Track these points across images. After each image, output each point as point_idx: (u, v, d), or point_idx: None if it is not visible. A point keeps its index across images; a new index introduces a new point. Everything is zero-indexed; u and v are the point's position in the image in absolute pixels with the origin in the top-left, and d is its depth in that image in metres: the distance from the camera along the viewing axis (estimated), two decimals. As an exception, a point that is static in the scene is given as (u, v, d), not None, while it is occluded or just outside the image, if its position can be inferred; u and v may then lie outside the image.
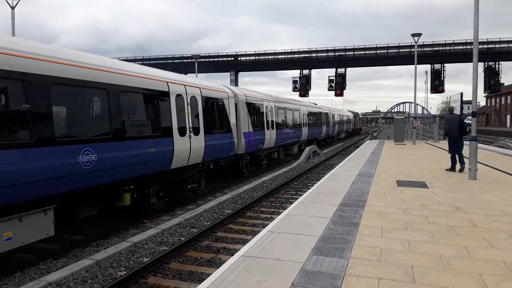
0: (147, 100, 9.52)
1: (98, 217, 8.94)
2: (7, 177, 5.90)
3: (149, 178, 9.65)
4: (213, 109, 13.02)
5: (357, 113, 69.63)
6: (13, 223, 6.14)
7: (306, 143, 26.27)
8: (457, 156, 12.30)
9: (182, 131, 10.62)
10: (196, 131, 11.46)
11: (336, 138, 41.74)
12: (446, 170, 12.51)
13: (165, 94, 10.11)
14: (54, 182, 6.70)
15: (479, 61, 11.73)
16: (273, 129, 18.95)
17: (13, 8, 22.95)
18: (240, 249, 5.48)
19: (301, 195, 10.09)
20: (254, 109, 17.03)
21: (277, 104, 20.39)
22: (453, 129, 12.12)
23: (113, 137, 8.13)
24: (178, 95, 10.70)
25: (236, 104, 15.25)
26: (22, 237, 6.30)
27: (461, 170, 12.12)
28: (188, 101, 11.24)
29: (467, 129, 12.68)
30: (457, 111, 14.66)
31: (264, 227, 6.97)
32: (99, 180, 7.79)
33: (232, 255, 5.52)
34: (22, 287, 5.64)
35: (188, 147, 10.93)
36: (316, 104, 33.73)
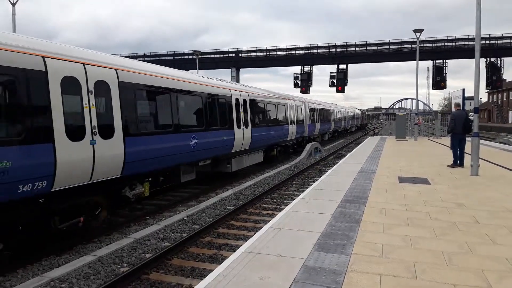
0: (222, 103, 13.48)
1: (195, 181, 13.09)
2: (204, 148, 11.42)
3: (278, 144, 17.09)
4: (273, 109, 18.48)
5: (364, 110, 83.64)
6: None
7: (333, 132, 39.23)
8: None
9: (238, 125, 14.50)
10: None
11: (348, 130, 51.42)
12: (448, 166, 12.51)
13: (230, 99, 14.15)
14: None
15: (481, 57, 11.67)
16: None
17: (13, 4, 22.94)
18: (242, 245, 5.49)
19: (303, 191, 10.10)
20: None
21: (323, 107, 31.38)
22: (458, 126, 12.10)
23: (206, 128, 12.08)
24: (237, 99, 14.72)
25: (303, 106, 24.45)
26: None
27: (459, 166, 12.26)
28: (241, 103, 15.08)
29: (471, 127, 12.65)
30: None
31: (266, 224, 6.98)
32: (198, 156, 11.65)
33: (234, 251, 5.53)
34: (25, 283, 5.67)
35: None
36: (336, 105, 45.46)
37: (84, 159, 7.26)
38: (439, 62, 43.60)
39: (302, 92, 45.67)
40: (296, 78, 47.04)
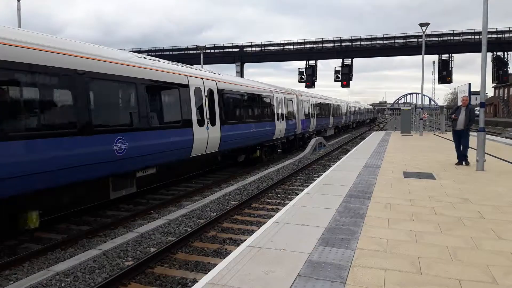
0: (265, 100, 17.81)
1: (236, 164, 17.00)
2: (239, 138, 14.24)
3: (262, 144, 17.56)
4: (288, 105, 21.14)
5: (374, 106, 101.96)
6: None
7: (356, 123, 52.87)
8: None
9: (278, 119, 18.87)
10: (283, 118, 19.75)
11: (365, 122, 66.13)
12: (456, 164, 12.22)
13: (271, 98, 18.45)
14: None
15: (488, 51, 11.54)
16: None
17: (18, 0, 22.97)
18: (246, 239, 5.49)
19: (307, 186, 10.09)
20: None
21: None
22: (454, 121, 11.78)
23: (259, 120, 16.67)
24: (276, 98, 19.09)
25: (294, 99, 23.42)
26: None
27: (458, 164, 11.86)
28: (282, 101, 19.67)
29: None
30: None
31: (270, 218, 6.97)
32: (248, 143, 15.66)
33: (239, 246, 5.53)
34: (30, 276, 5.71)
35: (280, 128, 19.00)
36: (358, 102, 60.59)
37: (204, 138, 11.95)
38: (445, 56, 43.29)
39: (306, 86, 45.59)
40: (300, 73, 46.93)
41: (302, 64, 48.24)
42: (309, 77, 46.31)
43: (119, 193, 9.03)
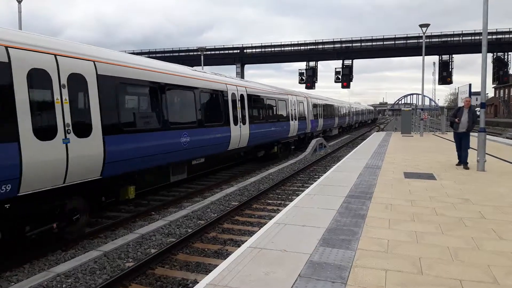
0: (282, 103, 19.94)
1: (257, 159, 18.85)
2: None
3: (279, 141, 19.48)
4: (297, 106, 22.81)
5: (374, 107, 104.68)
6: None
7: (359, 123, 54.93)
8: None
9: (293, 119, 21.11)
10: (296, 118, 22.00)
11: (367, 122, 68.72)
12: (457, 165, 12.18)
13: (286, 100, 20.59)
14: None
15: (488, 51, 11.53)
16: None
17: (19, 1, 23.00)
18: (247, 240, 5.49)
19: (308, 187, 10.07)
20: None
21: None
22: (456, 124, 11.61)
23: (277, 120, 18.87)
24: (291, 100, 21.39)
25: (305, 101, 25.79)
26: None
27: (459, 164, 11.68)
28: (295, 103, 22.00)
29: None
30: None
31: (270, 219, 6.96)
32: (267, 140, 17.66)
33: (239, 247, 5.53)
34: (31, 277, 5.71)
35: (293, 127, 21.21)
36: (359, 103, 63.82)
37: (238, 135, 14.13)
38: (445, 57, 43.26)
39: (307, 87, 45.53)
40: (301, 74, 46.89)
41: (302, 65, 48.22)
42: (309, 78, 46.27)
43: (176, 177, 11.15)
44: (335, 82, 44.91)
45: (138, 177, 9.59)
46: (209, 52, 51.84)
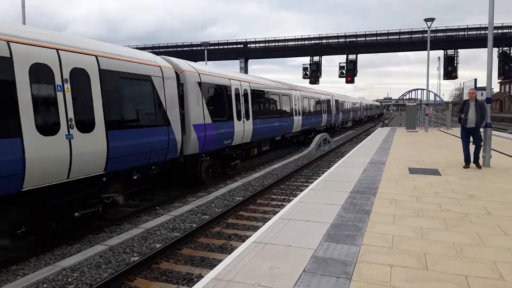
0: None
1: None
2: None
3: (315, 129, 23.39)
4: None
5: (380, 102, 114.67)
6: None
7: (367, 117, 59.39)
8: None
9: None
10: (325, 112, 27.86)
11: (374, 117, 72.42)
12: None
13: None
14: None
15: (494, 46, 11.43)
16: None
17: (23, -4, 22.99)
18: (251, 235, 5.50)
19: (312, 182, 10.08)
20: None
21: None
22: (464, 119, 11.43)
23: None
24: (323, 99, 24.46)
25: (332, 99, 32.13)
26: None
27: (466, 167, 11.30)
28: (325, 100, 26.64)
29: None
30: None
31: (275, 214, 6.97)
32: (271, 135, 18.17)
33: (244, 242, 5.55)
34: (37, 271, 5.76)
35: (324, 119, 26.70)
36: (364, 98, 65.25)
37: (241, 130, 14.19)
38: (450, 51, 42.93)
39: (311, 82, 45.43)
40: (305, 69, 46.73)
41: (306, 60, 48.06)
42: (313, 73, 46.12)
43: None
44: (339, 77, 44.79)
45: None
46: (213, 47, 51.72)
